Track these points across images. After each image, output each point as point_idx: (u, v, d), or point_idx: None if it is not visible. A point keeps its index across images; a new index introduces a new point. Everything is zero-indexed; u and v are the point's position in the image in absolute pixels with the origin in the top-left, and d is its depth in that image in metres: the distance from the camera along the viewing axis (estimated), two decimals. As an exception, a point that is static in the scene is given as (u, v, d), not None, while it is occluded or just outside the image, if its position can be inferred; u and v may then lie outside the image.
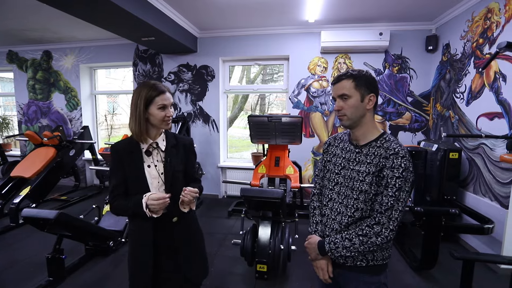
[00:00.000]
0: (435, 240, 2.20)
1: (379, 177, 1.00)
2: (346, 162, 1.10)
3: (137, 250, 1.23)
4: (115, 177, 1.20)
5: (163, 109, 1.17)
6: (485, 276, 2.32)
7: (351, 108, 1.04)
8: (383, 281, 1.06)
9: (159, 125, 1.19)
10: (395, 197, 0.97)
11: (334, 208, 1.11)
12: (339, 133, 1.24)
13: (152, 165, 1.21)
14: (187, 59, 4.25)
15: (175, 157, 1.25)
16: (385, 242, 0.98)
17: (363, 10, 3.28)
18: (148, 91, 1.15)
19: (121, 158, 1.19)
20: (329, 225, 1.12)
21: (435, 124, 3.57)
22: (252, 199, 2.01)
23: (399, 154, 0.98)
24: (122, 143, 1.23)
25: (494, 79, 2.50)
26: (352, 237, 1.02)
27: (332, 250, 1.05)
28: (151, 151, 1.22)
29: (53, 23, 3.77)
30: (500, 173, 2.39)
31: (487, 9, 2.62)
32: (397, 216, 0.98)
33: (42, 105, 4.94)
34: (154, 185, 1.20)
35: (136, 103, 1.15)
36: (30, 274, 2.25)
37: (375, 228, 0.99)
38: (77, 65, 4.69)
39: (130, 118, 1.18)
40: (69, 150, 3.89)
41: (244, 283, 2.22)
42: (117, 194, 1.20)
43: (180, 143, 1.30)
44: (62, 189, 4.43)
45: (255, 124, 3.05)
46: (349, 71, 1.06)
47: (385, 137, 1.06)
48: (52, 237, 2.63)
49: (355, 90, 1.04)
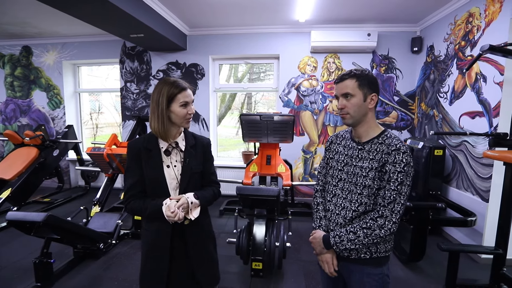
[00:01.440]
0: (423, 234, 2.29)
1: (382, 172, 1.04)
2: (349, 158, 1.13)
3: (154, 252, 1.20)
4: (131, 176, 1.16)
5: (184, 106, 1.15)
6: (467, 265, 2.45)
7: (354, 106, 1.07)
8: (386, 273, 1.10)
9: (181, 123, 1.16)
10: (397, 191, 1.01)
11: (338, 203, 1.14)
12: (341, 131, 1.27)
13: (171, 166, 1.18)
14: (176, 57, 4.18)
15: (193, 157, 1.22)
16: (388, 234, 1.02)
17: (352, 11, 3.35)
18: (170, 88, 1.12)
19: (139, 156, 1.15)
20: (333, 220, 1.15)
21: (420, 123, 3.72)
22: (248, 197, 2.02)
23: (401, 150, 1.02)
24: (139, 141, 1.19)
25: (475, 80, 2.63)
26: (356, 230, 1.05)
27: (337, 243, 1.08)
28: (170, 150, 1.19)
29: (34, 17, 3.60)
30: (481, 169, 2.52)
31: (468, 14, 2.75)
32: (399, 209, 1.02)
33: (22, 103, 4.70)
34: (172, 186, 1.18)
35: (157, 100, 1.11)
36: (15, 281, 2.15)
37: (378, 221, 1.02)
38: (59, 61, 4.49)
39: (151, 116, 1.15)
40: (52, 150, 3.73)
41: (239, 281, 2.22)
42: (133, 194, 1.16)
43: (199, 143, 1.27)
44: (44, 191, 4.24)
45: (247, 123, 3.05)
46: (353, 71, 1.09)
47: (386, 134, 1.10)
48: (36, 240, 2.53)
49: (358, 89, 1.07)
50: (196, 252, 1.23)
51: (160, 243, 1.18)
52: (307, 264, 2.46)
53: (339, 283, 1.23)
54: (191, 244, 1.22)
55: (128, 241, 2.82)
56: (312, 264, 2.45)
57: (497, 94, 2.37)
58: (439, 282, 2.19)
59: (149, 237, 1.21)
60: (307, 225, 3.34)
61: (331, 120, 4.01)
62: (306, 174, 4.14)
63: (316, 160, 4.10)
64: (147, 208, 1.13)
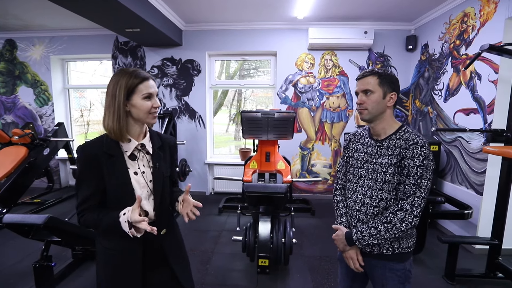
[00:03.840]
0: (423, 227, 2.37)
1: (401, 167, 1.05)
2: (368, 156, 1.15)
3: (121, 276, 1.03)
4: (86, 187, 0.97)
5: (148, 98, 0.99)
6: (462, 256, 2.54)
7: (373, 103, 1.09)
8: (408, 268, 1.12)
9: (145, 118, 1.00)
10: (417, 185, 1.02)
11: (358, 199, 1.16)
12: (359, 129, 1.29)
13: (139, 172, 1.02)
14: (171, 53, 4.09)
15: (163, 160, 1.09)
16: (409, 228, 1.03)
17: (350, 9, 3.38)
18: (129, 78, 0.95)
19: (96, 163, 0.96)
20: (354, 216, 1.17)
21: (414, 119, 3.82)
22: (256, 194, 2.01)
23: (419, 144, 1.03)
24: (95, 145, 0.99)
25: (470, 78, 2.72)
26: (377, 225, 1.06)
27: (359, 239, 1.09)
28: (136, 154, 1.03)
29: (19, 9, 3.41)
30: (475, 163, 2.63)
31: (463, 13, 2.84)
32: (420, 202, 1.02)
33: (6, 100, 4.47)
34: (144, 195, 1.02)
35: (113, 93, 0.95)
36: (13, 285, 2.06)
37: (398, 215, 1.03)
38: (47, 56, 4.29)
39: (105, 113, 0.97)
40: (43, 149, 3.57)
41: (246, 279, 2.22)
42: (87, 207, 0.98)
43: (166, 143, 1.13)
44: (33, 192, 4.06)
45: (247, 120, 3.03)
46: (375, 69, 1.12)
47: (404, 129, 1.11)
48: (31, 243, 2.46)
49: (379, 86, 1.09)
50: (175, 260, 1.13)
51: (130, 264, 1.02)
52: (311, 260, 2.49)
53: (358, 279, 1.26)
54: (172, 254, 1.11)
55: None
56: (315, 259, 2.49)
57: (491, 91, 2.46)
58: (438, 273, 2.28)
59: (110, 259, 1.04)
60: (307, 221, 3.38)
61: (328, 117, 4.05)
62: (303, 170, 4.18)
63: (313, 157, 4.14)
64: (101, 220, 0.95)
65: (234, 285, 2.14)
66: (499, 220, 2.08)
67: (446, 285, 2.15)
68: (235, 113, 5.18)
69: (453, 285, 2.14)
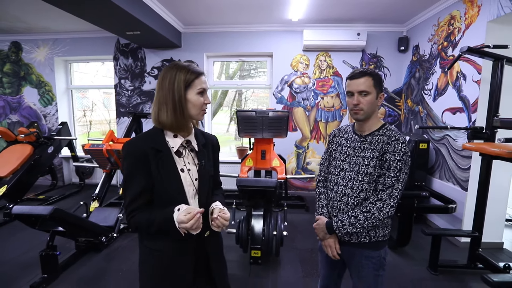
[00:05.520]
0: (409, 221, 2.48)
1: (382, 160, 1.13)
2: (352, 150, 1.22)
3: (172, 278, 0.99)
4: (136, 185, 0.93)
5: (201, 94, 0.98)
6: (449, 249, 2.67)
7: (369, 104, 1.14)
8: (383, 256, 1.20)
9: (197, 114, 0.99)
10: (396, 177, 1.10)
11: (340, 190, 1.21)
12: (343, 125, 1.36)
13: (185, 169, 0.99)
14: (171, 54, 4.22)
15: (207, 159, 1.06)
16: (386, 217, 1.11)
17: (343, 12, 3.49)
18: (186, 73, 0.94)
19: (145, 159, 0.93)
20: (335, 207, 1.23)
21: (406, 118, 3.93)
22: (248, 188, 2.13)
23: (400, 141, 1.12)
24: (143, 140, 0.96)
25: (456, 78, 2.83)
26: (357, 214, 1.13)
27: (340, 228, 1.16)
28: (182, 151, 1.00)
29: (24, 12, 3.55)
30: (461, 160, 2.73)
31: (450, 16, 2.95)
32: (397, 194, 1.10)
33: (11, 100, 4.62)
34: (190, 194, 0.98)
35: (171, 88, 0.93)
36: (20, 274, 2.19)
37: (377, 204, 1.11)
38: (51, 58, 4.44)
39: (160, 107, 0.95)
40: (47, 147, 3.72)
41: (239, 268, 2.34)
42: (137, 207, 0.93)
43: (209, 142, 1.11)
44: (38, 189, 4.21)
45: (243, 119, 3.15)
46: (367, 69, 1.16)
47: (386, 127, 1.19)
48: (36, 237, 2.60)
49: (374, 87, 1.14)
50: (217, 265, 1.09)
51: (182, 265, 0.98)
52: (302, 252, 2.61)
53: (336, 267, 1.34)
54: (213, 257, 1.07)
55: (129, 235, 2.89)
56: (307, 252, 2.60)
57: (475, 91, 2.57)
58: (423, 264, 2.39)
59: (161, 259, 0.98)
60: (301, 216, 3.49)
61: (323, 116, 4.16)
62: (298, 168, 4.29)
63: (309, 155, 4.26)
64: (154, 218, 0.91)
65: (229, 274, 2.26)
66: (479, 213, 2.18)
67: (429, 275, 2.26)
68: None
69: (436, 275, 2.25)
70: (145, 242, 1.01)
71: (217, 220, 0.96)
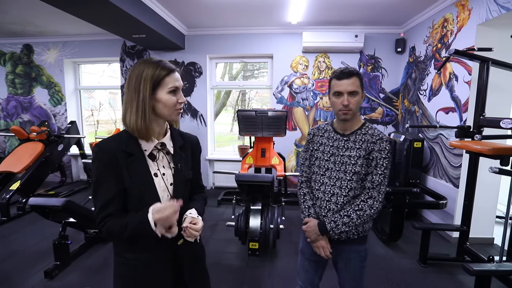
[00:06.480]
0: (400, 215, 2.58)
1: (369, 159, 1.17)
2: (335, 149, 1.22)
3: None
4: (106, 190, 0.85)
5: (174, 93, 0.89)
6: (441, 244, 2.77)
7: (357, 103, 1.16)
8: (367, 247, 1.28)
9: (169, 115, 0.91)
10: (383, 175, 1.16)
11: (327, 191, 1.22)
12: (320, 124, 1.35)
13: (159, 174, 0.92)
14: (175, 56, 4.38)
15: (184, 162, 0.99)
16: (376, 213, 1.16)
17: (341, 14, 3.60)
18: (154, 69, 0.85)
19: (114, 162, 0.86)
20: (323, 207, 1.23)
21: (403, 118, 4.02)
22: (245, 183, 2.26)
23: (383, 139, 1.17)
24: (112, 142, 0.89)
25: (449, 79, 2.93)
26: (350, 214, 1.15)
27: (333, 228, 1.17)
28: (156, 154, 0.93)
29: (36, 17, 3.74)
30: (453, 158, 2.83)
31: (444, 19, 3.04)
32: (384, 190, 1.18)
33: (23, 100, 4.83)
34: (163, 199, 0.92)
35: (136, 87, 0.85)
36: (34, 261, 2.36)
37: (368, 202, 1.15)
38: (61, 59, 4.64)
39: (126, 109, 0.87)
40: (57, 145, 3.91)
41: (238, 259, 2.48)
42: (109, 213, 0.85)
43: (187, 142, 1.04)
44: (47, 185, 4.40)
45: (243, 118, 3.29)
46: (353, 69, 1.18)
47: (367, 125, 1.24)
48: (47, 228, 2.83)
49: (360, 87, 1.17)
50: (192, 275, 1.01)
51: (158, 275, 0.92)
52: (298, 245, 2.72)
53: (320, 268, 1.35)
54: (188, 267, 0.99)
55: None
56: (303, 245, 2.73)
57: (466, 92, 2.66)
58: (414, 257, 2.49)
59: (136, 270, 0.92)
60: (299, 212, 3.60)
61: (322, 115, 4.27)
62: (298, 166, 4.41)
63: (308, 154, 4.36)
64: (127, 223, 0.83)
65: (228, 265, 2.40)
66: (467, 208, 2.28)
67: (419, 267, 2.37)
68: (237, 113, 5.44)
69: (426, 268, 2.35)
70: (118, 252, 0.95)
71: (186, 230, 0.90)
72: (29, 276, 2.17)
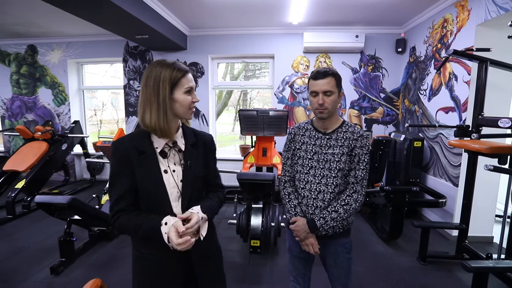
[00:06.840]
0: (400, 214, 2.61)
1: (351, 155, 1.22)
2: (318, 147, 1.25)
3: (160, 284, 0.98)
4: (119, 185, 0.92)
5: (189, 93, 0.95)
6: (440, 242, 2.79)
7: (333, 102, 1.20)
8: (351, 239, 1.33)
9: (185, 113, 0.96)
10: (365, 169, 1.23)
11: (313, 189, 1.25)
12: (300, 123, 1.36)
13: (169, 170, 0.96)
14: (177, 56, 4.42)
15: (195, 159, 1.01)
16: (360, 206, 1.23)
17: (342, 15, 3.63)
18: (172, 71, 0.90)
19: (128, 159, 0.92)
20: (311, 205, 1.25)
21: (403, 118, 4.04)
22: (247, 181, 2.30)
23: (364, 136, 1.23)
24: (126, 140, 0.95)
25: (448, 79, 2.95)
26: (337, 209, 1.20)
27: (323, 225, 1.20)
28: (167, 151, 0.97)
29: (40, 18, 3.79)
30: (453, 157, 2.85)
31: (443, 19, 3.06)
32: (366, 183, 1.25)
33: (27, 100, 4.89)
34: (173, 196, 0.95)
35: (156, 87, 0.89)
36: (39, 258, 2.41)
37: (353, 196, 1.21)
38: (64, 60, 4.69)
39: (145, 109, 0.91)
40: (61, 145, 3.96)
41: (240, 257, 2.52)
42: (122, 208, 0.91)
43: (200, 140, 1.05)
44: (51, 184, 4.46)
45: (245, 118, 3.32)
46: (329, 69, 1.20)
47: (346, 123, 1.27)
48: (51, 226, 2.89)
49: (336, 87, 1.20)
50: (204, 275, 1.04)
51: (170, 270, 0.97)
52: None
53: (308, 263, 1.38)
54: (198, 266, 1.01)
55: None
56: (303, 243, 2.76)
57: (465, 91, 2.69)
58: (414, 255, 2.52)
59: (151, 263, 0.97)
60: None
61: (323, 115, 4.30)
62: (299, 166, 4.44)
63: (309, 153, 4.40)
64: (141, 224, 0.88)
65: (230, 262, 2.44)
66: (466, 207, 2.31)
67: (418, 265, 2.39)
68: (239, 113, 5.48)
69: (425, 265, 2.38)
70: (135, 245, 1.01)
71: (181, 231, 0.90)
72: (35, 272, 2.21)
